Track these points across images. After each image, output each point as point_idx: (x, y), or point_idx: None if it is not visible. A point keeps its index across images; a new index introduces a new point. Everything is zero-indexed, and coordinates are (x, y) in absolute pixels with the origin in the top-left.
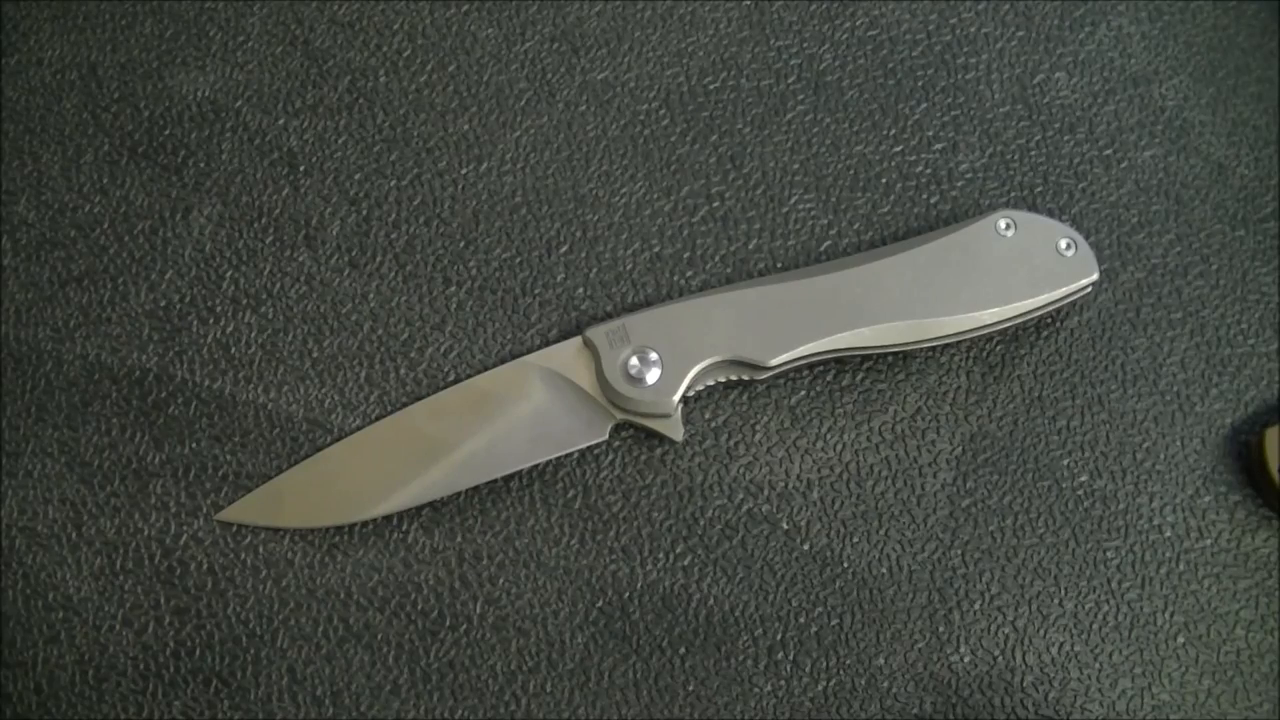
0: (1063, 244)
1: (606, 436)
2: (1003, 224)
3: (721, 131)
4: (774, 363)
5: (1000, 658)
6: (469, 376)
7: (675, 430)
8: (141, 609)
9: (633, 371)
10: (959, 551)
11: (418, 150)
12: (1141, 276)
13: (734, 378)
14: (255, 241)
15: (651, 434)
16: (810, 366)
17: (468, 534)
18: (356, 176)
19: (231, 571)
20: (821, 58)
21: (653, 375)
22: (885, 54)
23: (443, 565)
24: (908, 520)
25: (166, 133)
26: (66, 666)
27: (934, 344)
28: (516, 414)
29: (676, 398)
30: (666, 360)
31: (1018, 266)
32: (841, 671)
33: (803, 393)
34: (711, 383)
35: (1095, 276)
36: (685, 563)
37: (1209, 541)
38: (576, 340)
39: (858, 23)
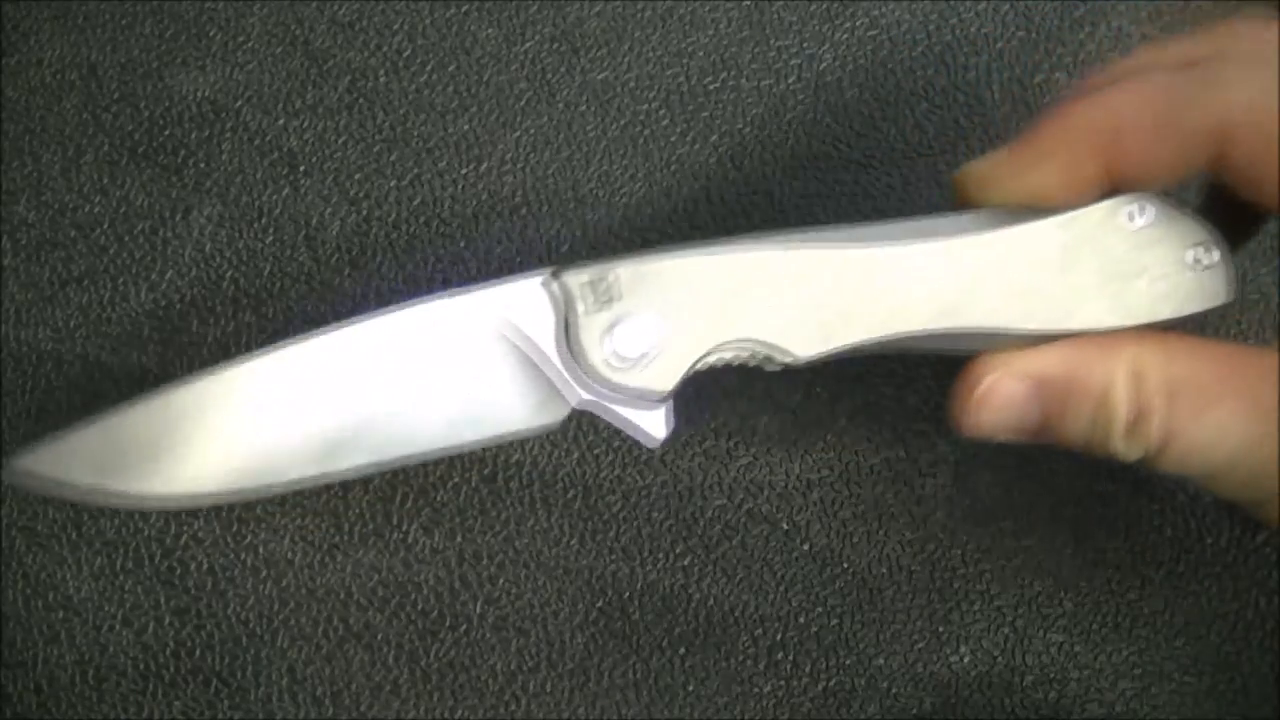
0: (1196, 253)
1: (559, 422)
2: (1130, 212)
3: (721, 131)
4: (809, 355)
5: (1000, 658)
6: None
7: (656, 426)
8: (141, 609)
9: (618, 341)
10: (959, 551)
11: (418, 150)
12: None
13: (739, 363)
14: (255, 241)
15: (621, 429)
16: (812, 365)
17: (468, 534)
18: (356, 176)
19: (231, 571)
20: (821, 58)
21: (645, 350)
22: (885, 54)
23: (443, 565)
24: (908, 520)
25: (166, 133)
26: (66, 666)
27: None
28: (434, 376)
29: (673, 385)
30: (667, 332)
31: (1139, 273)
32: (841, 671)
33: (802, 393)
34: (705, 369)
35: (1230, 298)
36: (685, 563)
37: (1209, 541)
38: (537, 280)
39: (858, 23)
